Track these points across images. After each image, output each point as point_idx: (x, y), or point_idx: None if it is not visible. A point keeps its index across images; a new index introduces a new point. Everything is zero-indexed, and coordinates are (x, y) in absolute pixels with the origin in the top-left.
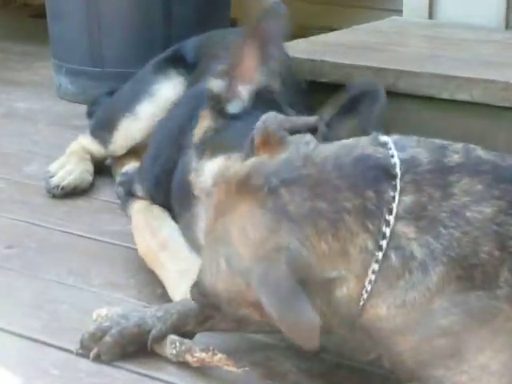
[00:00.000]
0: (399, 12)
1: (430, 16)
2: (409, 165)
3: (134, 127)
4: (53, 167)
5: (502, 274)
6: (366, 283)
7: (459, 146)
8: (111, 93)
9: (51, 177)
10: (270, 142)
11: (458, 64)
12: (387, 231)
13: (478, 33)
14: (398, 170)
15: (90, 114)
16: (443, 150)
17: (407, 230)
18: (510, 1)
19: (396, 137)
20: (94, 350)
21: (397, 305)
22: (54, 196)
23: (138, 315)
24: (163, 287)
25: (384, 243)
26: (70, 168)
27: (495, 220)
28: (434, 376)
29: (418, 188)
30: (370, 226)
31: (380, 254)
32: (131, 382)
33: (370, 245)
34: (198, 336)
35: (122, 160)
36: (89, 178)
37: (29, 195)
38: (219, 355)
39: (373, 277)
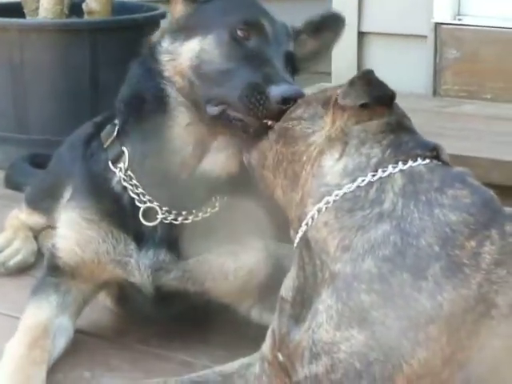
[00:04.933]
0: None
1: None
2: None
3: None
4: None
5: None
6: None
7: None
8: (28, 158)
9: None
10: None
11: None
12: None
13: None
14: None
15: (7, 180)
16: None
17: None
18: (437, 68)
19: None
20: None
21: None
22: None
23: None
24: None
25: None
26: (17, 246)
27: None
28: None
29: None
30: None
31: None
32: None
33: None
34: None
35: (49, 233)
36: (32, 260)
37: None
38: None
39: None
